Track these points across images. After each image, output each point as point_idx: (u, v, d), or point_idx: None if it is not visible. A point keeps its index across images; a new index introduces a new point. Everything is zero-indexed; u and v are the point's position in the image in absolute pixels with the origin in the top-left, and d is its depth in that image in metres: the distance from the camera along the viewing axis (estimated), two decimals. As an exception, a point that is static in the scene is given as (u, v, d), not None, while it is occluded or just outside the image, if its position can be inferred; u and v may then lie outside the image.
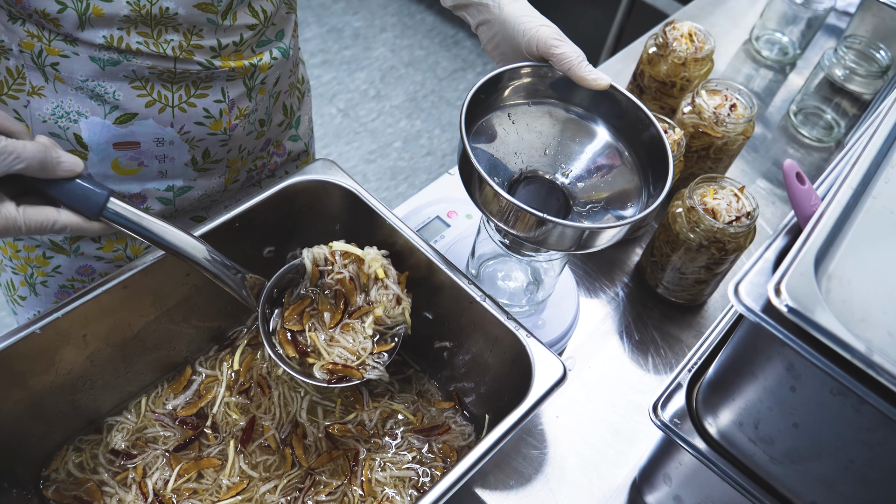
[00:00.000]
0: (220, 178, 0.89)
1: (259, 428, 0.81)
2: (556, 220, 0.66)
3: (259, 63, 0.80)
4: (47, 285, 0.90)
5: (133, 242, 0.89)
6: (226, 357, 0.86)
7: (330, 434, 0.81)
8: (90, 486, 0.76)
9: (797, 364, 0.54)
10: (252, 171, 0.94)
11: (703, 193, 0.93)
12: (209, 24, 0.73)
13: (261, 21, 0.78)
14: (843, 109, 1.27)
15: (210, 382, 0.84)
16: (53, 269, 0.89)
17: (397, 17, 3.00)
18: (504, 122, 0.76)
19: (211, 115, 0.80)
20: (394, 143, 2.57)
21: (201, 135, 0.81)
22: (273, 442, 0.80)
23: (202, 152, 0.83)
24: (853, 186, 0.56)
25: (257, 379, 0.84)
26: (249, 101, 0.83)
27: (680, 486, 0.75)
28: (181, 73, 0.75)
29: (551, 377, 0.71)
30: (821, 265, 0.52)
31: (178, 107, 0.78)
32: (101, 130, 0.77)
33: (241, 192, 0.95)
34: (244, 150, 0.88)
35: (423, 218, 1.01)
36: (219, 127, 0.81)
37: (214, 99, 0.79)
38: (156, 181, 0.84)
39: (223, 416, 0.82)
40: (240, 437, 0.80)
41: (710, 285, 0.99)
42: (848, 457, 0.55)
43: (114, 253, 0.89)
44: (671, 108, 1.13)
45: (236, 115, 0.82)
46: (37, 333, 0.68)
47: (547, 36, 0.74)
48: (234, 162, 0.88)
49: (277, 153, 0.98)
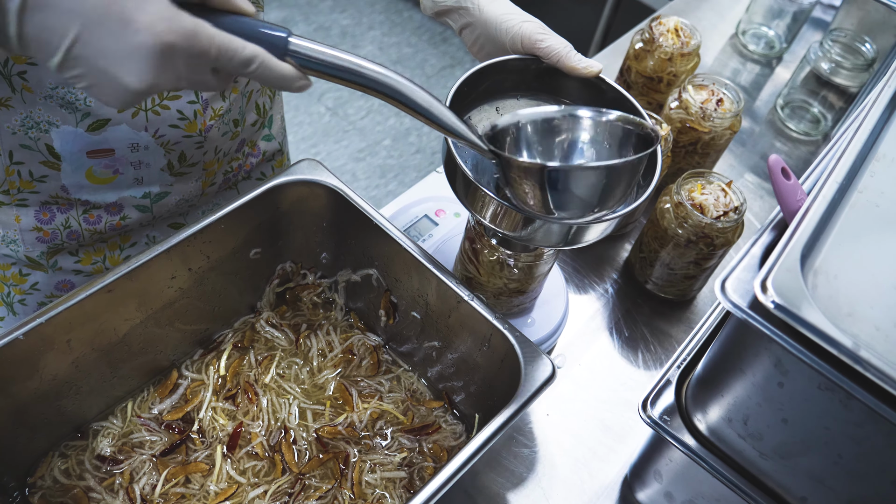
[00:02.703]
0: (196, 182, 0.88)
1: (247, 435, 0.80)
2: (543, 217, 0.65)
3: None
4: (25, 303, 0.89)
5: (112, 254, 0.88)
6: (212, 361, 0.85)
7: (320, 437, 0.80)
8: (77, 492, 0.75)
9: (785, 360, 0.54)
10: (228, 172, 0.93)
11: (691, 189, 0.93)
12: None
13: None
14: (830, 103, 1.28)
15: (196, 387, 0.84)
16: (31, 287, 0.87)
17: (385, 15, 2.99)
18: (492, 116, 0.76)
19: (185, 117, 0.79)
20: (383, 141, 2.56)
21: (176, 138, 0.80)
22: (261, 449, 0.79)
23: (178, 156, 0.82)
24: (838, 181, 0.56)
25: (244, 386, 0.83)
26: (223, 101, 0.82)
27: (670, 482, 0.75)
28: None
29: (541, 376, 0.71)
30: (807, 261, 0.52)
31: (151, 110, 0.76)
32: (74, 139, 0.75)
33: (219, 195, 0.94)
34: (220, 151, 0.87)
35: (410, 217, 1.01)
36: (194, 129, 0.80)
37: (188, 100, 0.78)
38: (132, 188, 0.83)
39: (210, 420, 0.81)
40: (227, 442, 0.79)
41: (698, 280, 0.99)
42: (836, 452, 0.55)
43: (93, 266, 0.87)
44: (658, 103, 1.13)
45: (210, 116, 0.81)
46: (20, 339, 0.67)
47: (531, 31, 0.73)
48: (211, 164, 0.87)
49: (252, 154, 0.97)
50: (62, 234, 0.82)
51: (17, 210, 0.80)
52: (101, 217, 0.83)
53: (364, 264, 0.87)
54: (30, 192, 0.79)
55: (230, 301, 0.87)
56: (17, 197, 0.79)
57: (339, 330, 0.90)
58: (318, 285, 0.92)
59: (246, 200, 0.80)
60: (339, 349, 0.88)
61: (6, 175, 0.77)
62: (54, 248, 0.84)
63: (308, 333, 0.89)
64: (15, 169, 0.76)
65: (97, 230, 0.84)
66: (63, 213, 0.81)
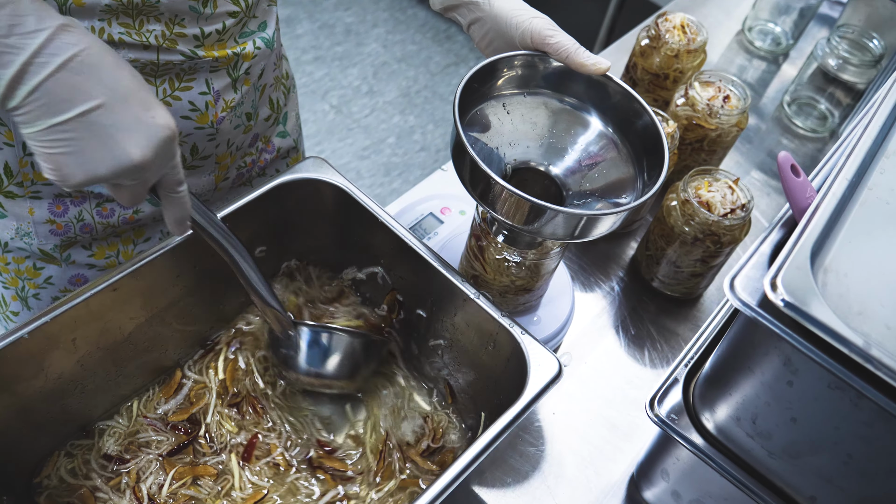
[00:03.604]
0: (209, 176, 0.88)
1: (264, 445, 0.80)
2: (553, 207, 0.65)
3: (242, 52, 0.79)
4: (39, 297, 0.88)
5: (125, 248, 0.88)
6: (211, 363, 0.85)
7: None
8: (83, 492, 0.75)
9: (794, 359, 0.54)
10: (242, 168, 0.92)
11: (698, 186, 0.93)
12: (191, 13, 0.72)
13: (242, 9, 0.76)
14: (837, 99, 1.27)
15: (200, 389, 0.83)
16: (45, 280, 0.87)
17: (389, 13, 2.99)
18: (499, 112, 0.75)
19: (197, 108, 0.79)
20: (387, 139, 2.56)
21: (188, 129, 0.80)
22: (283, 461, 0.79)
23: (190, 148, 0.82)
24: (848, 177, 0.56)
25: (249, 400, 0.82)
26: (235, 93, 0.82)
27: (678, 481, 0.75)
28: (164, 65, 0.74)
29: (547, 374, 0.70)
30: (817, 258, 0.52)
31: (162, 101, 0.76)
32: None
33: (232, 191, 0.94)
34: (232, 144, 0.87)
35: (416, 215, 1.00)
36: (205, 120, 0.80)
37: (199, 91, 0.78)
38: None
39: (217, 426, 0.80)
40: (241, 452, 0.79)
41: (705, 278, 0.99)
42: (846, 451, 0.55)
43: (106, 260, 0.87)
44: (664, 100, 1.13)
45: (222, 108, 0.81)
46: (25, 338, 0.67)
47: (540, 27, 0.73)
48: (223, 158, 0.87)
49: (266, 150, 0.97)
50: (75, 227, 0.82)
51: (30, 202, 0.80)
52: (114, 210, 0.83)
53: (369, 262, 0.87)
54: (43, 184, 0.79)
55: (235, 300, 0.86)
56: (31, 189, 0.79)
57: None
58: (324, 283, 0.91)
59: (251, 198, 0.79)
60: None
61: (20, 167, 0.77)
62: (67, 242, 0.84)
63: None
64: (28, 160, 0.76)
65: (110, 223, 0.84)
66: (76, 205, 0.81)
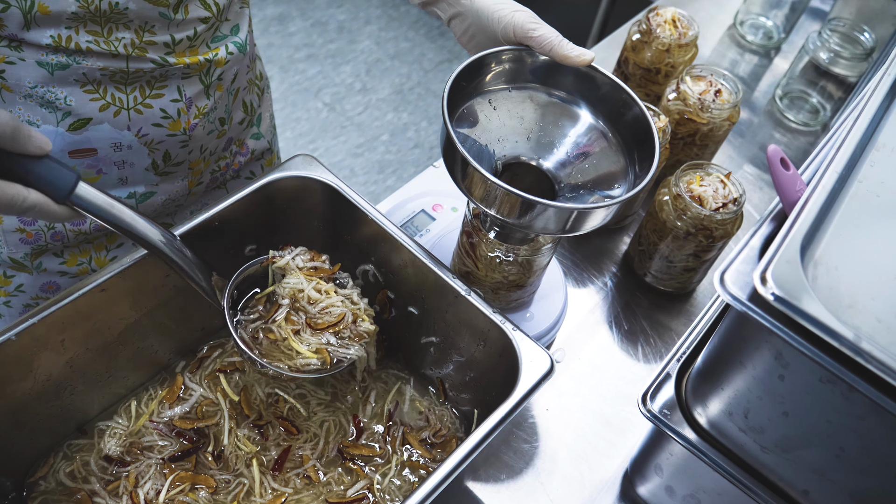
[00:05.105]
0: (183, 182, 0.87)
1: (296, 457, 0.79)
2: (544, 202, 0.64)
3: (214, 58, 0.78)
4: (10, 305, 0.88)
5: (98, 255, 0.87)
6: (218, 386, 0.83)
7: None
8: (81, 496, 0.74)
9: (785, 353, 0.54)
10: (216, 171, 0.92)
11: (690, 181, 0.93)
12: (161, 19, 0.71)
13: (213, 14, 0.76)
14: (829, 93, 1.27)
15: (209, 406, 0.82)
16: (16, 289, 0.86)
17: (382, 10, 2.98)
18: (485, 108, 0.75)
19: (169, 116, 0.78)
20: (381, 136, 2.55)
21: (160, 137, 0.79)
22: (313, 473, 0.78)
23: (162, 155, 0.81)
24: (838, 171, 0.55)
25: (281, 423, 0.81)
26: (208, 99, 0.81)
27: (671, 476, 0.75)
28: (134, 73, 0.73)
29: (539, 370, 0.70)
30: (807, 252, 0.51)
31: (133, 109, 0.75)
32: (55, 139, 0.74)
33: (206, 195, 0.93)
34: (206, 150, 0.86)
35: (407, 212, 1.00)
36: (178, 127, 0.79)
37: (171, 98, 0.77)
38: (116, 189, 0.82)
39: (233, 447, 0.79)
40: (271, 465, 0.78)
41: (698, 273, 0.99)
42: (838, 445, 0.55)
43: (78, 267, 0.86)
44: (656, 94, 1.12)
45: (195, 114, 0.80)
46: (12, 340, 0.67)
47: (523, 21, 0.73)
48: (197, 163, 0.86)
49: (241, 153, 0.96)
50: (46, 235, 0.82)
51: None
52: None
53: (360, 260, 0.86)
54: None
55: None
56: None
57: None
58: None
59: (240, 196, 0.79)
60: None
61: None
62: (38, 250, 0.83)
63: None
64: None
65: (82, 231, 0.83)
66: None
